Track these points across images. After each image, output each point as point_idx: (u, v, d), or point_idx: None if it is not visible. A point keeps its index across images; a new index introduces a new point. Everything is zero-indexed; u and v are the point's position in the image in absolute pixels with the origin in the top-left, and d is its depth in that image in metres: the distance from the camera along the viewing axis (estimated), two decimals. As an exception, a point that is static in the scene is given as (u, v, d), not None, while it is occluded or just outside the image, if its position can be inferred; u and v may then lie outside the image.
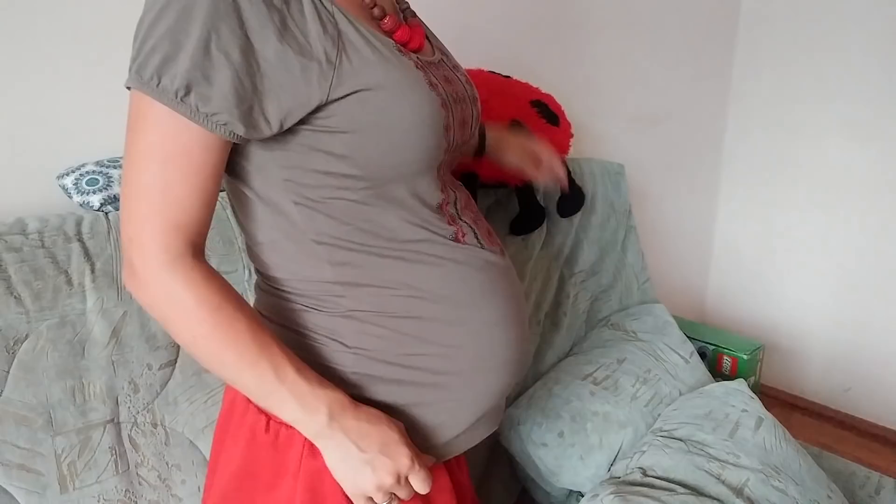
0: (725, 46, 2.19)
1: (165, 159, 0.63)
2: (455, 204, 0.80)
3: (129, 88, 0.64)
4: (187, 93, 0.60)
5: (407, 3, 0.84)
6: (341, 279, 0.73)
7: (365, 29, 0.68)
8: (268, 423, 0.74)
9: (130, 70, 0.62)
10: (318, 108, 0.65)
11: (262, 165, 0.69)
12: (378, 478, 0.70)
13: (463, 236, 0.78)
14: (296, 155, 0.68)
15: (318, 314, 0.75)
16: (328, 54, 0.64)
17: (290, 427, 0.73)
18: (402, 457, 0.71)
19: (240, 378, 0.69)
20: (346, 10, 0.68)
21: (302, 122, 0.66)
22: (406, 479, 0.72)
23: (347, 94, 0.65)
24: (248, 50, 0.61)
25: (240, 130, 0.63)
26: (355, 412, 0.71)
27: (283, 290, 0.76)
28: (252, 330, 0.68)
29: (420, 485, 0.73)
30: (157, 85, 0.60)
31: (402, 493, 0.73)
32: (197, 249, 0.67)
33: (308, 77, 0.63)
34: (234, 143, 0.67)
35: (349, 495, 0.72)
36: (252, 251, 0.78)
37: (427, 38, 0.82)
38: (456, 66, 0.83)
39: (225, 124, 0.62)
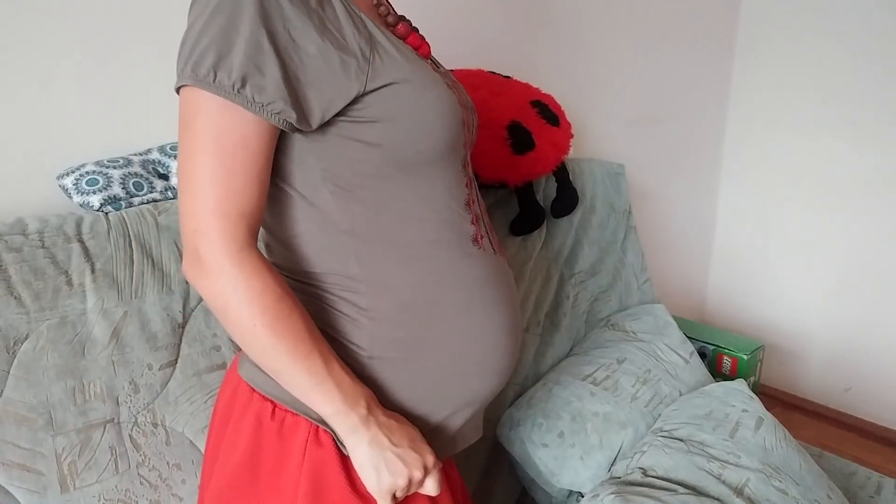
0: (725, 46, 2.19)
1: (225, 151, 0.66)
2: (478, 204, 0.85)
3: (177, 92, 0.68)
4: (243, 85, 0.65)
5: (409, 21, 0.88)
6: (365, 275, 0.76)
7: (386, 31, 0.74)
8: (273, 409, 0.76)
9: (183, 71, 0.66)
10: (355, 100, 0.70)
11: (301, 158, 0.73)
12: (409, 471, 0.73)
13: (481, 238, 0.82)
14: (333, 146, 0.72)
15: (335, 313, 0.77)
16: (363, 50, 0.70)
17: (296, 414, 0.75)
18: (428, 454, 0.75)
19: (290, 368, 0.71)
20: (367, 15, 0.73)
21: (340, 113, 0.70)
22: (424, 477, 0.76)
23: (381, 87, 0.70)
24: (293, 46, 0.66)
25: (292, 118, 0.67)
26: (384, 409, 0.75)
27: (307, 284, 0.78)
28: (306, 321, 0.71)
29: (434, 485, 0.76)
30: (214, 80, 0.64)
31: (414, 490, 0.76)
32: (256, 238, 0.70)
33: (347, 70, 0.68)
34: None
35: (374, 492, 0.74)
36: (277, 247, 0.79)
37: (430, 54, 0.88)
38: (455, 81, 0.88)
39: (279, 112, 0.66)
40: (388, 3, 0.86)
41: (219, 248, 0.67)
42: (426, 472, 0.75)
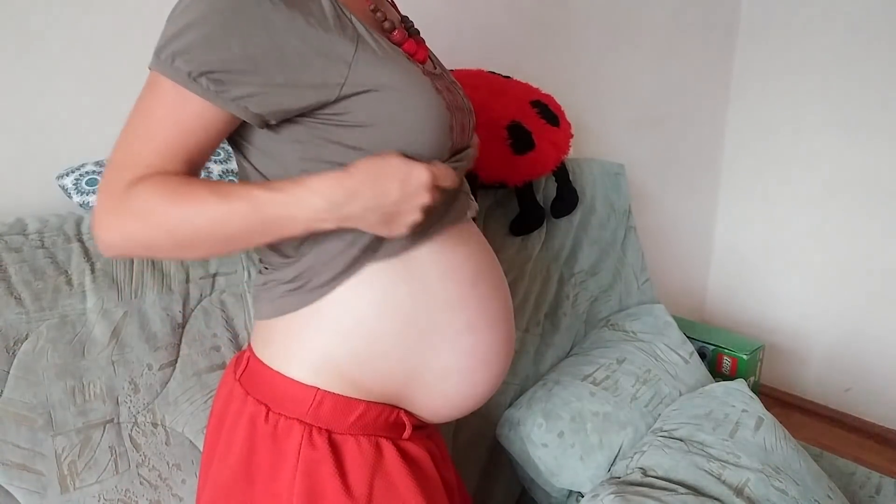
0: (725, 46, 2.19)
1: (159, 120, 0.67)
2: None
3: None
4: (200, 75, 0.65)
5: (412, 22, 0.89)
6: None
7: (377, 36, 0.73)
8: (267, 413, 0.77)
9: (153, 53, 0.67)
10: (333, 103, 0.69)
11: (281, 157, 0.73)
12: (421, 208, 0.70)
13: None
14: (313, 147, 0.72)
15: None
16: (346, 54, 0.68)
17: (290, 417, 0.76)
18: (422, 176, 0.69)
19: (233, 233, 0.68)
20: (361, 20, 0.72)
21: (319, 116, 0.70)
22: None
23: (362, 92, 0.69)
24: (268, 44, 0.65)
25: (253, 108, 0.67)
26: (353, 180, 0.68)
27: (290, 281, 0.78)
28: (207, 186, 0.67)
29: (448, 177, 0.72)
30: (171, 64, 0.65)
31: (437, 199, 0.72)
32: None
33: (325, 74, 0.68)
34: (252, 140, 0.73)
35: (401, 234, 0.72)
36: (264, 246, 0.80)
37: (429, 55, 0.87)
38: (454, 81, 0.87)
39: (235, 99, 0.66)
40: (391, 8, 0.86)
41: (110, 194, 0.66)
42: (432, 188, 0.70)
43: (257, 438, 0.77)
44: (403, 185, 0.68)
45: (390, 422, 0.80)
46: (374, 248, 0.76)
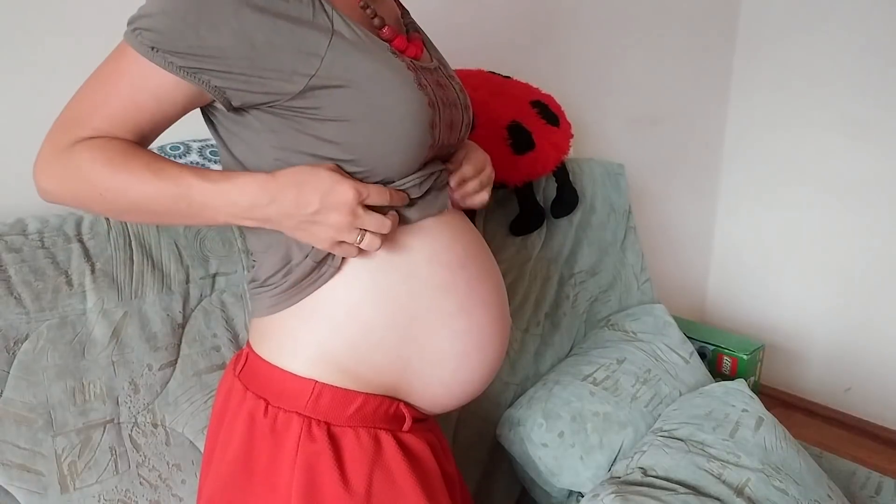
0: (725, 46, 2.19)
1: (117, 87, 0.69)
2: None
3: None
4: (164, 52, 0.66)
5: (411, 18, 0.89)
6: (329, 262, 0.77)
7: (361, 31, 0.72)
8: (266, 407, 0.77)
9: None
10: (302, 94, 0.69)
11: (256, 145, 0.74)
12: (335, 226, 0.71)
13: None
14: (287, 137, 0.73)
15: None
16: (318, 47, 0.69)
17: (288, 411, 0.76)
18: (345, 194, 0.71)
19: (160, 210, 0.71)
20: (348, 16, 0.72)
21: (293, 108, 0.70)
22: (364, 206, 0.72)
23: (335, 86, 0.70)
24: (239, 36, 0.66)
25: (215, 82, 0.68)
26: (277, 185, 0.70)
27: (271, 277, 0.79)
28: (145, 161, 0.70)
29: (379, 197, 0.73)
30: (138, 36, 0.67)
31: (369, 223, 0.73)
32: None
33: (295, 65, 0.68)
34: (230, 128, 0.74)
35: (322, 249, 0.74)
36: (246, 234, 0.82)
37: (427, 48, 0.87)
38: (451, 76, 0.87)
39: (196, 73, 0.67)
40: (387, 3, 0.85)
41: (57, 142, 0.70)
42: (355, 211, 0.71)
43: (256, 432, 0.77)
44: (324, 198, 0.70)
45: (390, 414, 0.80)
46: (327, 261, 0.76)
